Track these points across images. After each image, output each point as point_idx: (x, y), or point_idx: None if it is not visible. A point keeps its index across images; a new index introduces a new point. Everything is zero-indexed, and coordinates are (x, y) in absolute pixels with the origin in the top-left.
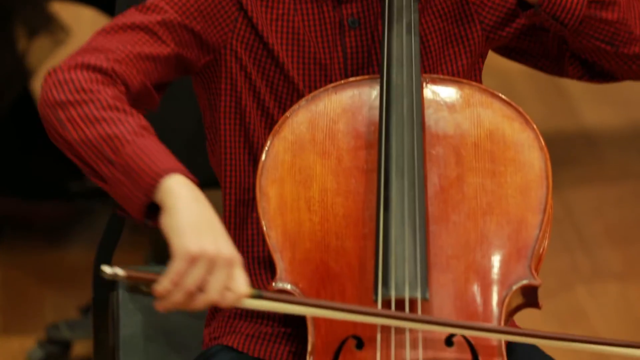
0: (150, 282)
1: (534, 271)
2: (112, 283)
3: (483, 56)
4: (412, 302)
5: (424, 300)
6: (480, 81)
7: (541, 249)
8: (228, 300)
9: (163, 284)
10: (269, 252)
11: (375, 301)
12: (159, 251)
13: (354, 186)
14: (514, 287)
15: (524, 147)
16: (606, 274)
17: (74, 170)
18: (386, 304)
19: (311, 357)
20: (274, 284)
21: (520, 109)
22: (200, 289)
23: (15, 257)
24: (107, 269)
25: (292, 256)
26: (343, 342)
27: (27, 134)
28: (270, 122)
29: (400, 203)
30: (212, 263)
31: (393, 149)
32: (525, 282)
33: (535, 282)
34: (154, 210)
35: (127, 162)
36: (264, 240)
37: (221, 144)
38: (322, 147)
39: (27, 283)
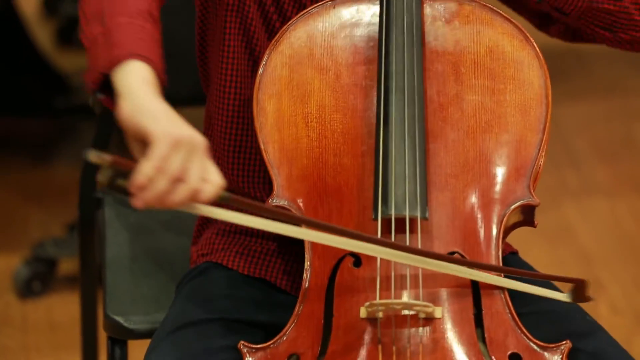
0: (129, 172)
1: (532, 190)
2: (98, 201)
3: None
4: (412, 221)
5: (424, 219)
6: None
7: (539, 168)
8: (207, 192)
9: (145, 170)
10: (265, 172)
11: (375, 219)
12: None
13: (352, 102)
14: (513, 207)
15: (523, 64)
16: (594, 190)
17: (58, 86)
18: (385, 222)
19: (308, 274)
20: (270, 200)
21: (520, 26)
22: (180, 178)
23: (0, 175)
24: (93, 155)
25: (289, 172)
26: (341, 260)
27: (10, 50)
28: (273, 35)
29: (400, 120)
30: (192, 148)
31: (393, 65)
32: (524, 201)
33: (534, 201)
34: (108, 87)
35: (112, 29)
36: (261, 160)
37: (223, 55)
38: (320, 63)
39: (12, 201)
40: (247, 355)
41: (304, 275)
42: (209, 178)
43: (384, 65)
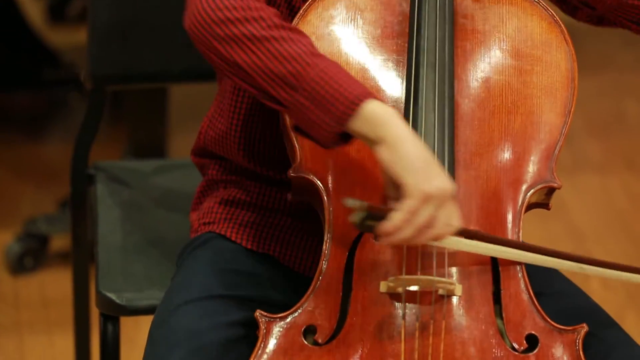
0: (382, 216)
1: (555, 173)
2: (90, 177)
3: None
4: None
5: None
6: None
7: (559, 151)
8: (446, 235)
9: (396, 221)
10: (270, 150)
11: None
12: (137, 145)
13: (380, 77)
14: (535, 188)
15: (551, 46)
16: (586, 166)
17: (49, 60)
18: None
19: (327, 246)
20: (291, 171)
21: (549, 9)
22: (428, 225)
23: None
24: (350, 201)
25: (312, 144)
26: (361, 234)
27: (1, 24)
28: (292, 11)
29: (431, 96)
30: (442, 200)
31: (424, 40)
32: (546, 183)
33: (557, 184)
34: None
35: (314, 87)
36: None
37: None
38: (348, 35)
39: (4, 177)
40: (264, 325)
41: (324, 247)
42: (452, 223)
43: (415, 40)
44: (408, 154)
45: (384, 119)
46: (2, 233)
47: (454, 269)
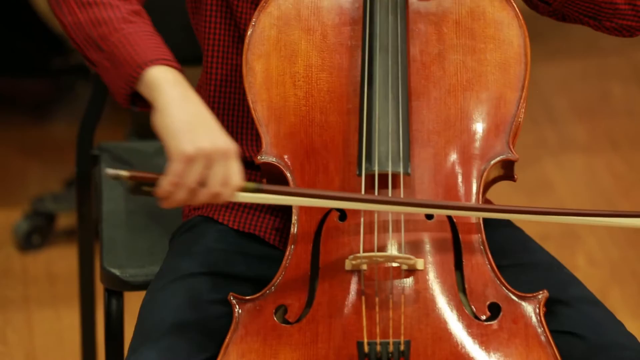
0: (151, 183)
1: (511, 146)
2: (95, 158)
3: None
4: (395, 177)
5: (406, 175)
6: None
7: (518, 124)
8: (228, 191)
9: (163, 186)
10: (251, 132)
11: (359, 175)
12: (140, 127)
13: (338, 62)
14: (493, 162)
15: (503, 24)
16: (572, 147)
17: (57, 47)
18: (369, 178)
19: (295, 229)
20: (259, 157)
21: None
22: (201, 184)
23: (1, 132)
24: (110, 171)
25: (277, 130)
26: (326, 215)
27: (10, 13)
28: (254, 1)
29: (384, 79)
30: (209, 159)
31: (377, 25)
32: (503, 156)
33: (513, 156)
34: (139, 97)
35: (113, 50)
36: (249, 118)
37: (205, 20)
38: (307, 24)
39: (12, 158)
40: (237, 306)
41: (291, 229)
42: (231, 179)
43: (368, 25)
44: (172, 118)
45: (158, 85)
46: (10, 211)
47: (414, 244)
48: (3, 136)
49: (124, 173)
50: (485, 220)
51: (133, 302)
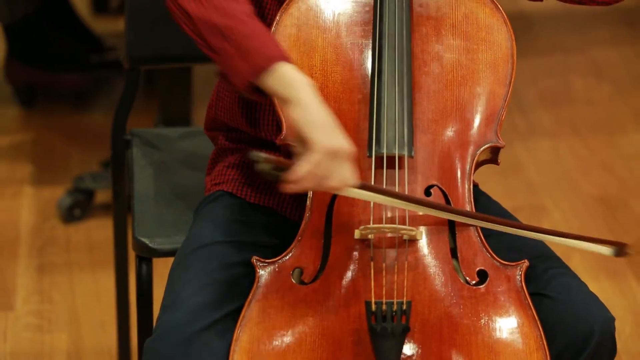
0: (283, 168)
1: (499, 134)
2: (127, 143)
3: None
4: (400, 159)
5: (410, 157)
6: None
7: (502, 116)
8: (335, 182)
9: (300, 171)
10: (269, 118)
11: (369, 156)
12: (166, 115)
13: (350, 57)
14: (483, 147)
15: (494, 28)
16: (539, 132)
17: (95, 45)
18: (378, 159)
19: (311, 201)
20: (281, 138)
21: None
22: (326, 177)
23: (46, 120)
24: (253, 153)
25: None
26: None
27: (55, 16)
28: (280, 1)
29: (391, 73)
30: (340, 157)
31: (386, 26)
32: (492, 143)
33: (501, 143)
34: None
35: (241, 40)
36: (271, 105)
37: None
38: (324, 23)
39: (57, 142)
40: (259, 268)
41: (307, 202)
42: (346, 177)
43: (378, 26)
44: (314, 114)
45: (295, 82)
46: (55, 188)
47: (415, 218)
48: (49, 123)
49: (262, 155)
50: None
51: (161, 267)
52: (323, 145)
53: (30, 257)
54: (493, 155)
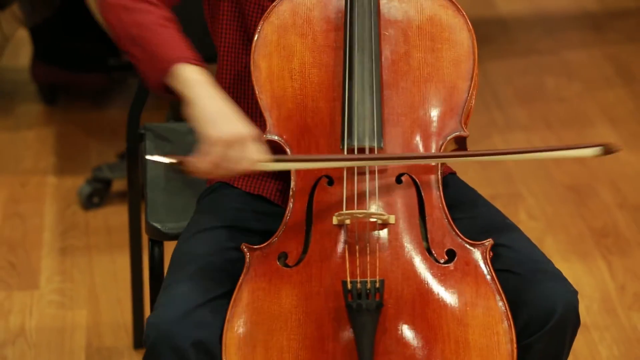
0: (182, 163)
1: (463, 125)
2: (141, 136)
3: None
4: (371, 150)
5: (379, 148)
6: None
7: (469, 108)
8: (243, 165)
9: (198, 165)
10: (257, 118)
11: (342, 149)
12: (176, 111)
13: (325, 60)
14: (449, 137)
15: (456, 29)
16: (515, 126)
17: (112, 49)
18: (350, 151)
19: (293, 192)
20: (264, 135)
21: (454, 0)
22: (223, 160)
23: (68, 115)
24: (149, 157)
25: (278, 114)
26: (317, 181)
27: (75, 21)
28: (262, 11)
29: (361, 73)
30: (228, 143)
31: (356, 30)
32: (457, 133)
33: (465, 133)
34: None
35: (149, 47)
36: (256, 105)
37: (221, 27)
38: (301, 30)
39: (77, 136)
40: (248, 254)
41: (290, 192)
42: (247, 156)
43: (349, 30)
44: (205, 110)
45: (187, 81)
46: (76, 177)
47: (387, 204)
48: (70, 118)
49: (161, 159)
50: (443, 182)
51: (171, 249)
52: (216, 139)
53: (53, 240)
54: (460, 145)
